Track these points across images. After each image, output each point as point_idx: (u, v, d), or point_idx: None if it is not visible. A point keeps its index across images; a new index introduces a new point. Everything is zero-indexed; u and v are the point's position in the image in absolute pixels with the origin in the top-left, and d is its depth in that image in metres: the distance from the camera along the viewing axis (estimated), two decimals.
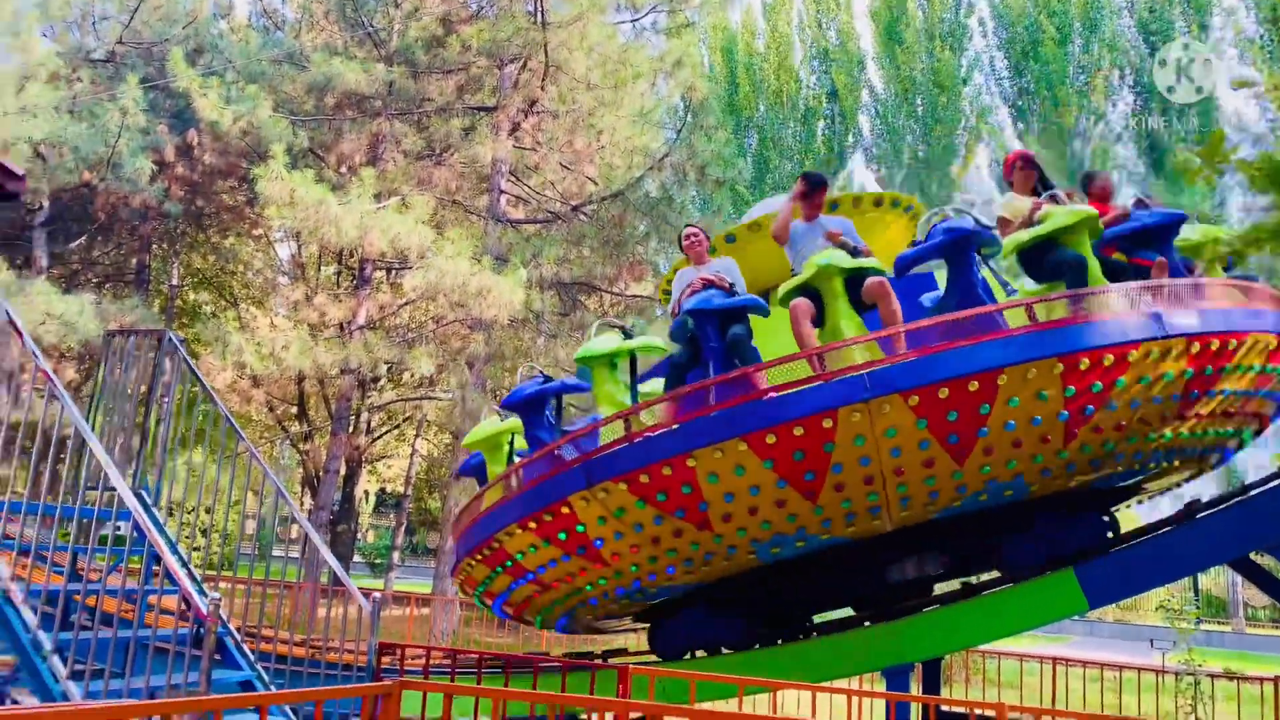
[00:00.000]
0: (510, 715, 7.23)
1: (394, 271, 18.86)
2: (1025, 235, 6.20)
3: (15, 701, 5.71)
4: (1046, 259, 6.15)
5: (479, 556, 6.96)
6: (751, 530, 5.99)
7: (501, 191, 16.45)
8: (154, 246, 21.58)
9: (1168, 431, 6.01)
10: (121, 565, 5.66)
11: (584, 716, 8.23)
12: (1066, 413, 5.60)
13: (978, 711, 6.77)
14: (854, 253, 6.26)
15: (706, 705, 6.78)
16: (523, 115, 16.39)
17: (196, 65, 16.67)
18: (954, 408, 5.45)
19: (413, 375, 20.24)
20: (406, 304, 18.03)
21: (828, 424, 5.44)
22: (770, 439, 5.52)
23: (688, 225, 7.10)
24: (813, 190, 6.57)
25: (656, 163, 15.96)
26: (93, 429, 6.20)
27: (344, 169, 16.91)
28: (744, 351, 6.10)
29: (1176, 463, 6.57)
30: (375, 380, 20.25)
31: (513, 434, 7.72)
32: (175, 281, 23.13)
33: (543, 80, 15.97)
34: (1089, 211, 6.12)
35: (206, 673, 4.84)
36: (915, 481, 5.76)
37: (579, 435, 6.46)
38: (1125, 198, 7.11)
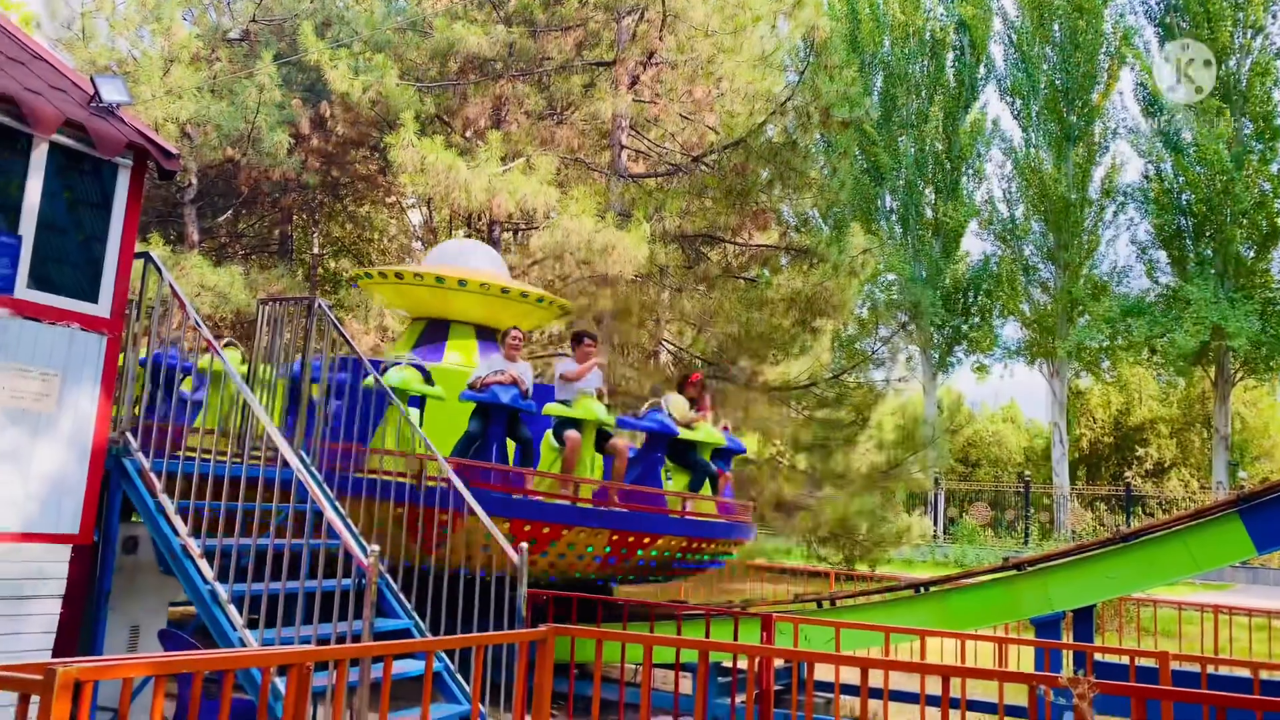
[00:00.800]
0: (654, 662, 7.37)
1: (520, 233, 19.14)
2: (681, 434, 8.94)
3: (198, 646, 6.13)
4: (687, 455, 9.12)
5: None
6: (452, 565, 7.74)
7: (622, 147, 16.43)
8: (294, 217, 22.48)
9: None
10: (286, 521, 5.99)
11: (726, 663, 8.32)
12: (670, 562, 8.88)
13: (1139, 662, 6.55)
14: (608, 407, 8.54)
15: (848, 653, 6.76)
16: (641, 68, 16.28)
17: (325, 37, 17.16)
18: (627, 545, 8.21)
19: (542, 333, 20.60)
20: (534, 264, 18.30)
21: (566, 532, 7.73)
22: (526, 527, 7.51)
23: (514, 328, 8.77)
24: (594, 344, 8.93)
25: (779, 107, 15.60)
26: (252, 392, 6.55)
27: (469, 133, 17.19)
28: (529, 453, 8.11)
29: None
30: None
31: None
32: (316, 250, 24.08)
33: (660, 30, 15.80)
34: (720, 439, 9.25)
35: (369, 621, 5.09)
36: (573, 570, 8.13)
37: (363, 452, 7.50)
38: None
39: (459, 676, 5.93)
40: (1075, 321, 29.75)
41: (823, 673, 8.41)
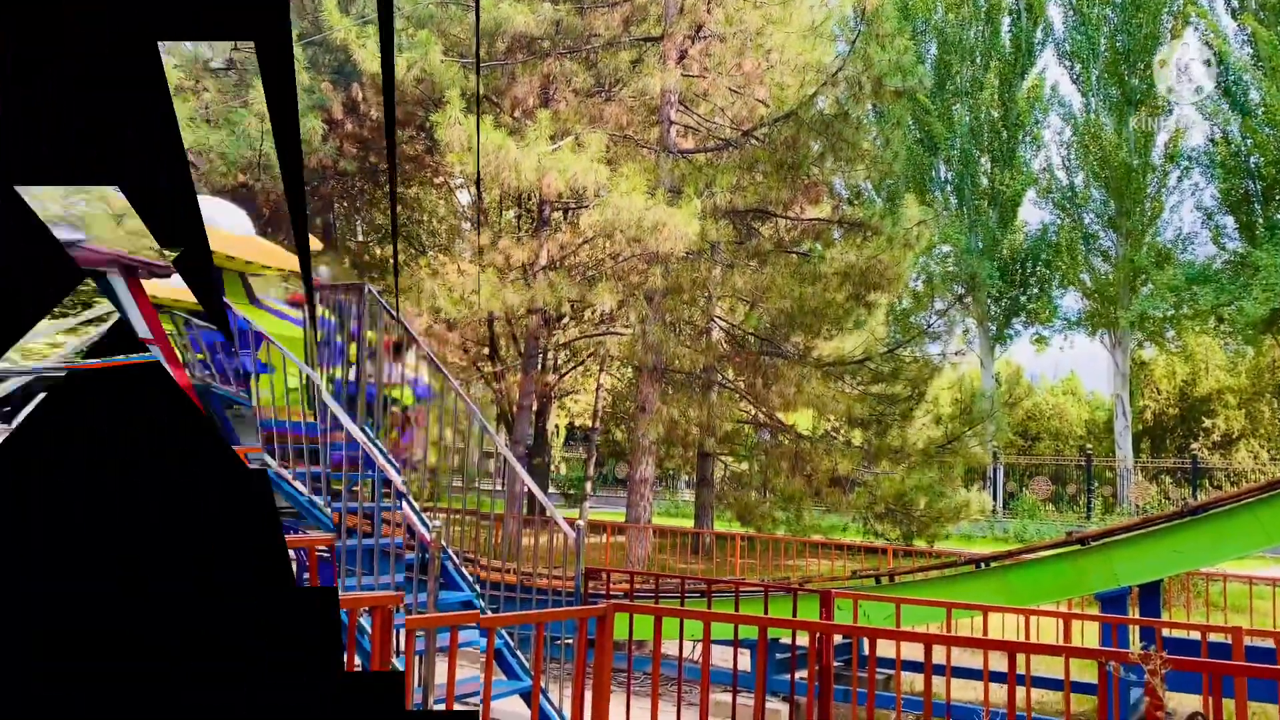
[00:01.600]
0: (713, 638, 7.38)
1: (570, 211, 19.13)
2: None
3: None
4: None
5: None
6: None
7: (671, 122, 16.31)
8: (336, 205, 22.66)
9: None
10: (356, 487, 6.21)
11: (785, 639, 8.31)
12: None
13: (1209, 637, 6.40)
14: None
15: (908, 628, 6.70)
16: (689, 41, 16.13)
17: (349, 14, 16.70)
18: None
19: (594, 312, 20.61)
20: (585, 242, 18.30)
21: None
22: None
23: None
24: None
25: (830, 78, 15.36)
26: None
27: (518, 113, 17.18)
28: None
29: None
30: (560, 318, 20.76)
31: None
32: (360, 237, 24.31)
33: (708, 3, 15.64)
34: None
35: (433, 593, 5.16)
36: None
37: None
38: None
39: (519, 653, 5.99)
40: (1138, 291, 29.04)
41: (883, 649, 8.36)
